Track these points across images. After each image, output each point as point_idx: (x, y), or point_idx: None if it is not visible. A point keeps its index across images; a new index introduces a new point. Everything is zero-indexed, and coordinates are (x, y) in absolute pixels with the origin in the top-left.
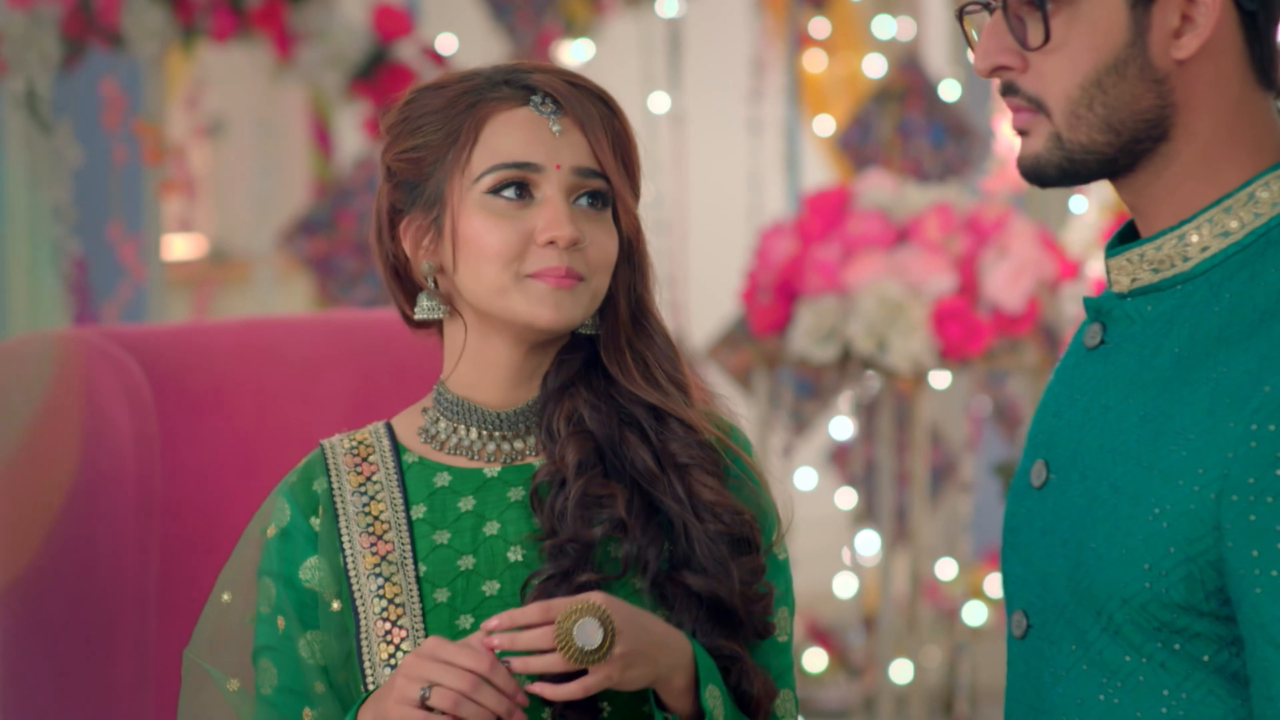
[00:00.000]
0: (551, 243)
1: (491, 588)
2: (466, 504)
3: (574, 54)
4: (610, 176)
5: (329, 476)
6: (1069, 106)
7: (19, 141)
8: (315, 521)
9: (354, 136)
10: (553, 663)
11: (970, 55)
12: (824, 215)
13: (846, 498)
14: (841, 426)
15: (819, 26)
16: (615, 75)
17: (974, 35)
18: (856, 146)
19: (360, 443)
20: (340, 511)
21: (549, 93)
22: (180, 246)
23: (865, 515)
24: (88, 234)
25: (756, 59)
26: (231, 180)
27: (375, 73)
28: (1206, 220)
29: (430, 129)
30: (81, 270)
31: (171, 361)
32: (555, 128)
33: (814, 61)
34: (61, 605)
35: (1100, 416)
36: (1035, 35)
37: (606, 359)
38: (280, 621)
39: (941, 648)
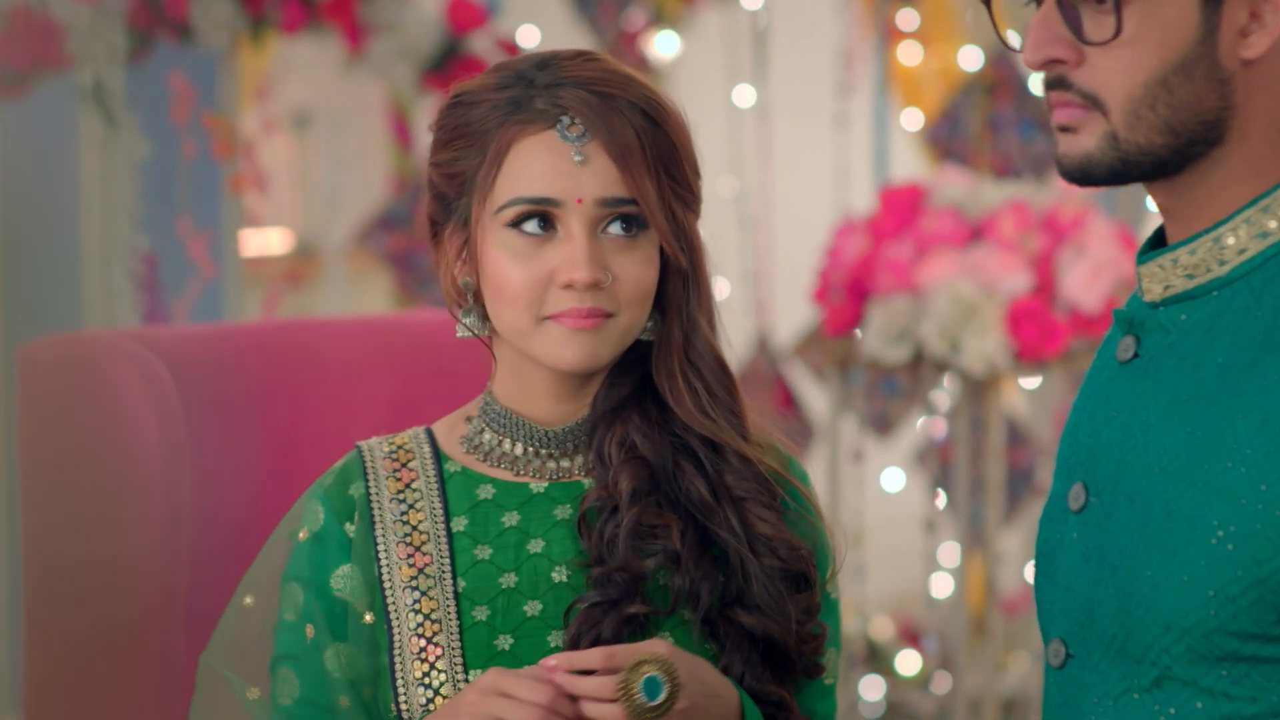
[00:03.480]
0: (570, 284)
1: (533, 608)
2: (510, 519)
3: (659, 47)
4: (644, 203)
5: (366, 481)
6: (1130, 106)
7: (92, 137)
8: (350, 528)
9: None
10: (611, 713)
11: (1006, 41)
12: (897, 212)
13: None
14: (933, 427)
15: (908, 18)
16: (700, 68)
17: (997, 18)
18: (945, 141)
19: (400, 447)
20: (377, 519)
21: (578, 115)
22: (269, 241)
23: (939, 520)
24: (156, 230)
25: (844, 51)
26: (317, 175)
27: (448, 65)
28: (1244, 221)
29: (462, 143)
30: (151, 267)
31: (201, 365)
32: (578, 157)
33: (908, 54)
34: (86, 617)
35: (1142, 435)
36: (1097, 28)
37: (658, 381)
38: (309, 630)
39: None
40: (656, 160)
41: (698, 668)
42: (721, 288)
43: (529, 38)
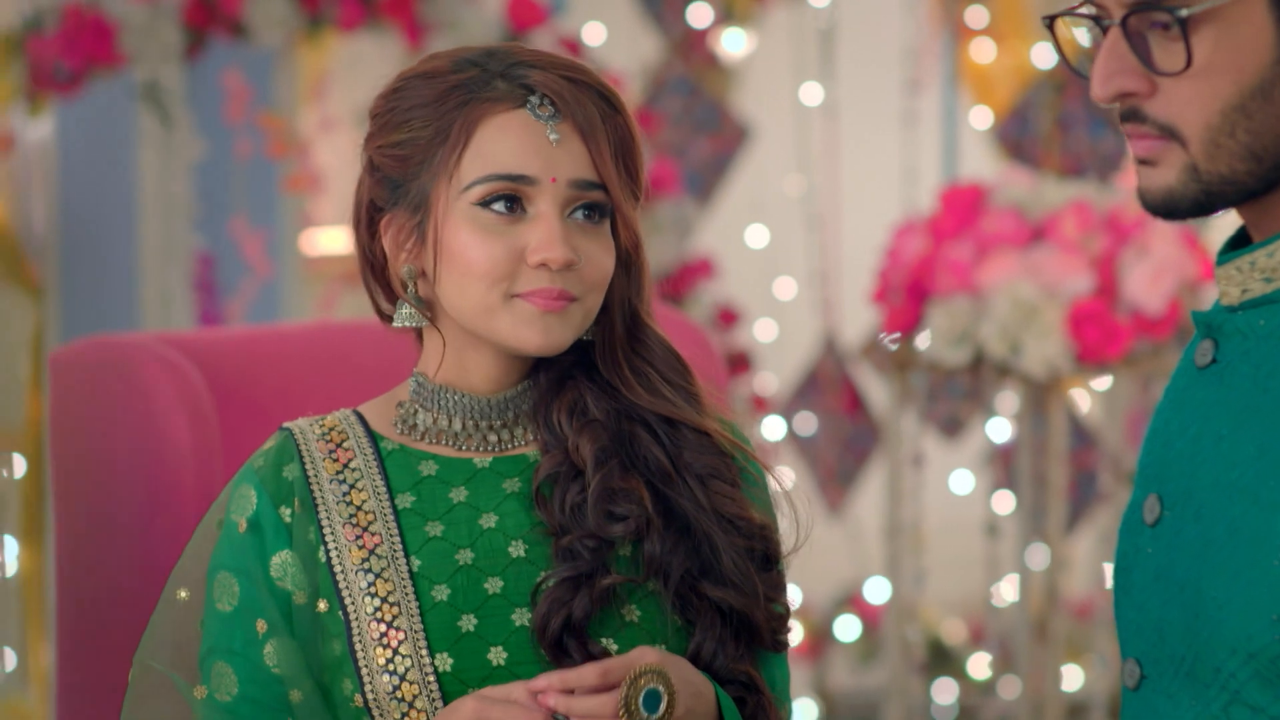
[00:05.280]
0: (543, 264)
1: (494, 585)
2: (459, 494)
3: (727, 44)
4: (610, 188)
5: (302, 462)
6: (1208, 135)
7: (149, 136)
8: (286, 512)
9: None
10: None
11: (1074, 68)
12: (957, 212)
13: (1004, 502)
14: (998, 429)
15: (978, 15)
16: (768, 66)
17: (1076, 39)
18: (1014, 139)
19: (331, 429)
20: (319, 500)
21: (548, 95)
22: (335, 241)
23: (1003, 523)
24: (211, 230)
25: (914, 49)
26: None
27: None
28: None
29: (418, 124)
30: (206, 267)
31: (236, 369)
32: (553, 136)
33: (981, 51)
34: (120, 625)
35: (1212, 448)
36: (1167, 58)
37: (605, 372)
38: (260, 625)
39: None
40: (617, 147)
41: (682, 669)
42: (788, 287)
43: (595, 35)
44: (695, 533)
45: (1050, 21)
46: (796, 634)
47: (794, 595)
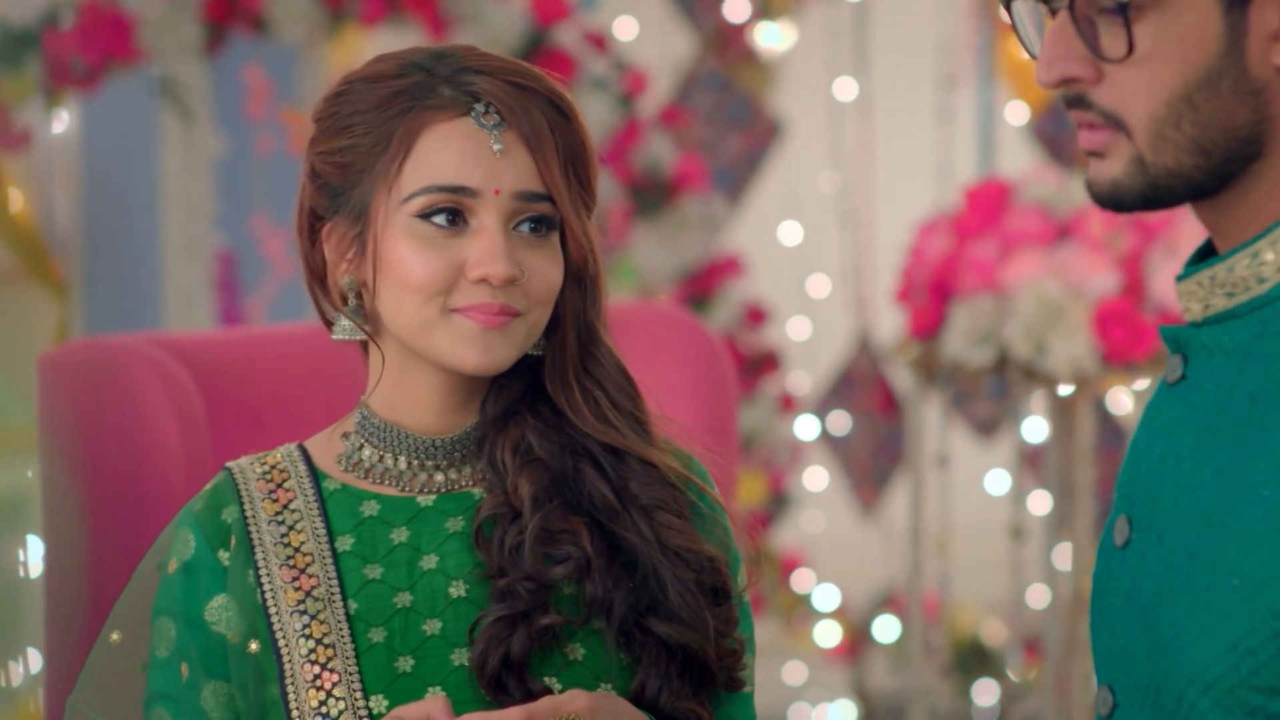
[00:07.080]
0: (484, 279)
1: (433, 626)
2: (400, 535)
3: (763, 39)
4: (557, 199)
5: (241, 504)
6: (1153, 126)
7: (170, 132)
8: (224, 555)
9: None
10: None
11: (1023, 49)
12: (982, 210)
13: (1041, 502)
14: (1033, 429)
15: None
16: (801, 61)
17: (1020, 26)
18: (1051, 135)
19: (273, 467)
20: (256, 542)
21: (493, 103)
22: None
23: (1033, 525)
24: (231, 227)
25: (950, 43)
26: None
27: (533, 58)
28: None
29: (359, 130)
30: (227, 265)
31: (228, 371)
32: (497, 146)
33: (1018, 46)
34: None
35: (1174, 469)
36: (1113, 44)
37: (553, 392)
38: (184, 669)
39: None
40: (566, 157)
41: (618, 710)
42: (821, 285)
43: (626, 30)
44: (641, 567)
45: (1008, 3)
46: (834, 635)
47: (832, 596)
